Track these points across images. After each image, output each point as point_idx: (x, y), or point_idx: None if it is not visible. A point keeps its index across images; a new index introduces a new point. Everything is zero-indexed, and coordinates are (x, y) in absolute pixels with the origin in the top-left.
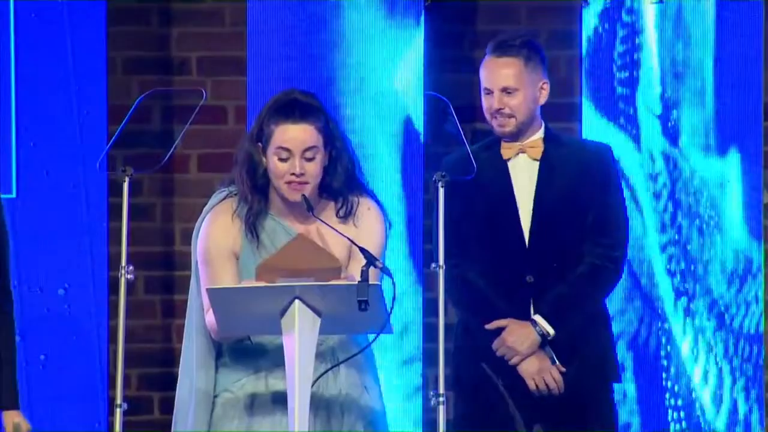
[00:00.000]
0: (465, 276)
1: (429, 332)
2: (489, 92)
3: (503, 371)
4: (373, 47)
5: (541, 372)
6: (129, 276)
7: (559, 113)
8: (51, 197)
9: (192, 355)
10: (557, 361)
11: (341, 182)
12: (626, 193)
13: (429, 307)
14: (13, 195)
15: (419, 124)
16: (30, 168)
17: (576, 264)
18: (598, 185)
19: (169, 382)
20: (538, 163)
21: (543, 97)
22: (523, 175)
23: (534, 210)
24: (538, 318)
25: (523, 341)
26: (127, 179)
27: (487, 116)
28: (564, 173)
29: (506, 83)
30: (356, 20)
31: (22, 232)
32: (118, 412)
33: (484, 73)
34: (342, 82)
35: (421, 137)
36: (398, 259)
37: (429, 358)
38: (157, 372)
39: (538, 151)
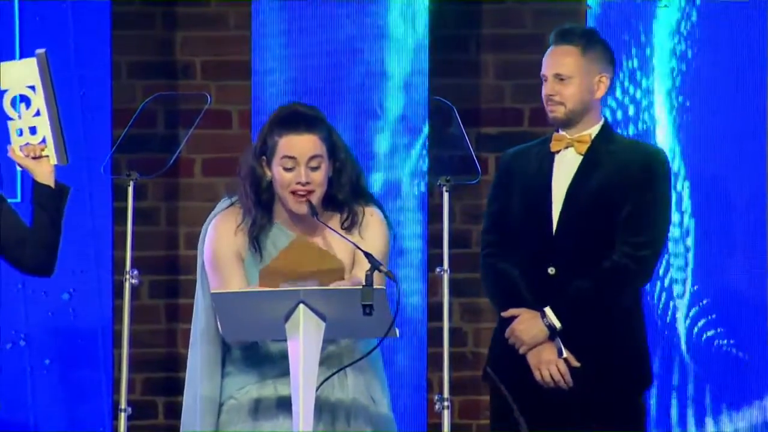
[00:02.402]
0: (496, 266)
1: (432, 337)
2: (545, 78)
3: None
4: (377, 51)
5: (546, 363)
6: (133, 280)
7: None
8: None
9: (197, 362)
10: (564, 354)
11: (346, 193)
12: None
13: (433, 312)
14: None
15: (424, 127)
16: None
17: (601, 260)
18: (636, 183)
19: (173, 387)
20: (581, 157)
21: (600, 91)
22: (565, 168)
23: (564, 202)
24: (547, 310)
25: (529, 331)
26: (131, 183)
27: (545, 104)
28: (603, 169)
29: (558, 70)
30: (361, 24)
31: None
32: (123, 416)
33: (544, 61)
34: (346, 86)
35: (426, 141)
36: (402, 263)
37: (432, 363)
38: (162, 377)
39: (585, 146)
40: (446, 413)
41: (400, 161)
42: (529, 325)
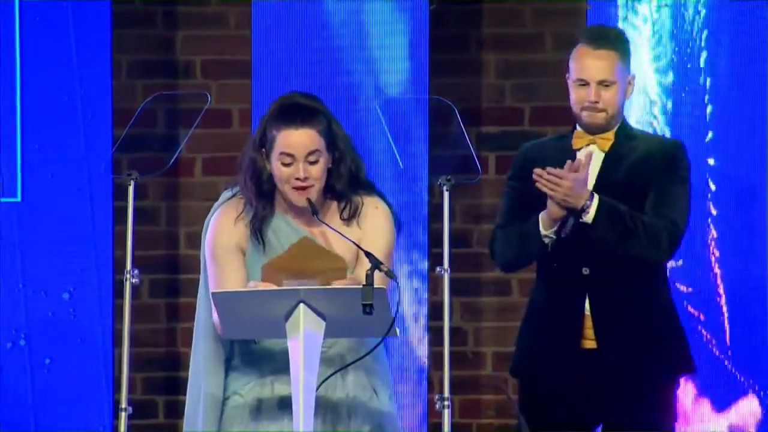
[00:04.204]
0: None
1: (434, 336)
2: (584, 84)
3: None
4: (377, 50)
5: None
6: (134, 279)
7: (564, 116)
8: (56, 201)
9: (200, 360)
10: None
11: (344, 183)
12: None
13: (434, 311)
14: (18, 199)
15: (424, 127)
16: (35, 171)
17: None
18: (659, 174)
19: (174, 386)
20: (604, 154)
21: (629, 91)
22: (590, 164)
23: None
24: (595, 200)
25: (573, 192)
26: (132, 183)
27: (576, 108)
28: (626, 164)
29: (605, 76)
30: (361, 23)
31: (27, 236)
32: (123, 415)
33: (577, 64)
34: (347, 85)
35: (426, 140)
36: (403, 263)
37: (434, 362)
38: (162, 376)
39: (608, 143)
40: (446, 412)
41: (400, 160)
42: (580, 189)
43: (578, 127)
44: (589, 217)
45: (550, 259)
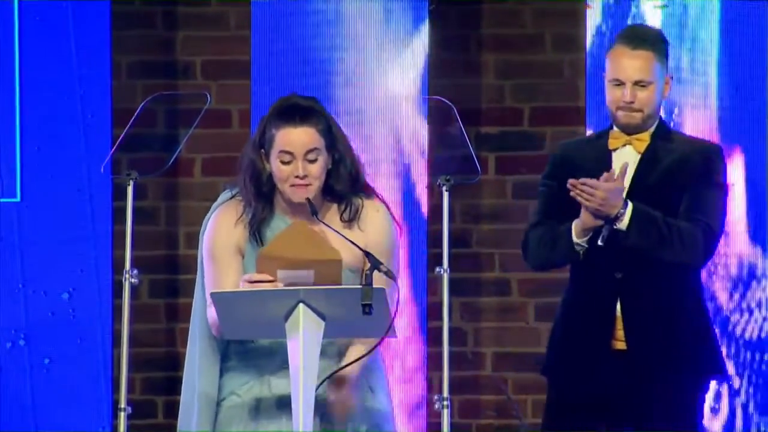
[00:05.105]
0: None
1: (433, 337)
2: (619, 84)
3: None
4: (377, 51)
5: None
6: (133, 280)
7: (564, 117)
8: (55, 201)
9: (195, 359)
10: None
11: (344, 185)
12: None
13: (433, 312)
14: (18, 199)
15: (423, 127)
16: (34, 172)
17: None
18: (695, 178)
19: (173, 386)
20: (641, 155)
21: (666, 91)
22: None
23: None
24: (629, 208)
25: (607, 202)
26: (131, 183)
27: (612, 107)
28: (662, 166)
29: (641, 77)
30: (361, 23)
31: (27, 236)
32: (123, 415)
33: (613, 64)
34: (346, 86)
35: (425, 141)
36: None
37: (433, 363)
38: (162, 376)
39: (644, 144)
40: (446, 413)
41: (399, 161)
42: (616, 199)
43: (615, 128)
44: (623, 224)
45: (583, 261)
